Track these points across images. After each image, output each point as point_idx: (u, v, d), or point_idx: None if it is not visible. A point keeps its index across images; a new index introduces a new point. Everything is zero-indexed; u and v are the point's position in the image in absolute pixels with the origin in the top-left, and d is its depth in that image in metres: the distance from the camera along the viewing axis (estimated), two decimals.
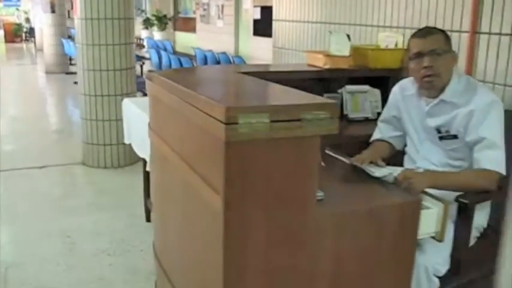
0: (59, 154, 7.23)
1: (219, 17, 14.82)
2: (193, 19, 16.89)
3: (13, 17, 30.27)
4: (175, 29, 18.70)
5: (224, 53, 10.97)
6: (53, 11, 14.31)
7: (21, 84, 14.17)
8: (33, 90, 13.25)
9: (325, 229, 2.04)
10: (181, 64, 9.41)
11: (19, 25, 26.70)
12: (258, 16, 12.73)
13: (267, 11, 12.04)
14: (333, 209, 2.08)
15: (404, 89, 3.05)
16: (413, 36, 2.78)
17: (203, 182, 1.96)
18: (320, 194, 2.07)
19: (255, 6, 12.80)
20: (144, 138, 3.88)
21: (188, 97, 2.00)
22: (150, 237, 4.28)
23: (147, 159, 3.95)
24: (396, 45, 3.99)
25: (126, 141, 4.68)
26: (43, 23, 14.93)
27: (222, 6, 14.54)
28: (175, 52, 13.92)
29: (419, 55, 2.69)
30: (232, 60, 10.46)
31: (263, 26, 12.20)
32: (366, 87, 3.81)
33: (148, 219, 4.75)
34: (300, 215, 1.94)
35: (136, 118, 4.23)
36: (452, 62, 2.75)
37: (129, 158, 6.36)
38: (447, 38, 2.72)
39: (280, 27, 5.54)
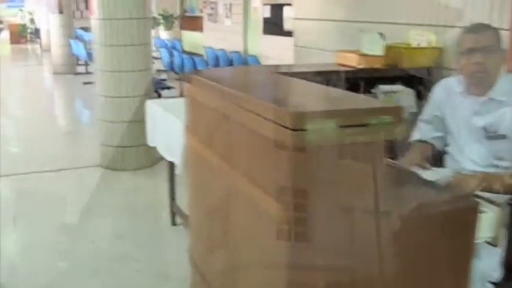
0: (74, 156, 7.17)
1: (227, 16, 14.73)
2: (200, 18, 16.79)
3: (16, 17, 30.18)
4: (181, 28, 18.62)
5: (237, 52, 10.87)
6: (60, 12, 14.24)
7: (30, 85, 14.11)
8: (42, 92, 13.19)
9: (385, 235, 1.97)
10: (194, 64, 9.34)
11: (24, 26, 26.63)
12: (267, 14, 12.63)
13: (277, 9, 11.96)
14: (393, 214, 2.00)
15: (448, 88, 2.96)
16: (466, 31, 2.69)
17: (260, 191, 1.88)
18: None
19: (264, 5, 12.70)
20: (172, 142, 3.81)
21: (244, 101, 1.92)
22: (177, 242, 4.23)
23: (176, 163, 3.88)
24: (429, 43, 3.90)
25: (150, 144, 4.61)
26: (51, 24, 14.87)
27: (230, 4, 14.44)
28: (183, 51, 13.83)
29: (471, 51, 2.61)
30: (246, 60, 10.38)
31: (273, 25, 12.11)
32: (400, 87, 3.73)
33: (173, 223, 4.67)
34: (364, 222, 1.86)
35: (162, 121, 4.16)
36: (502, 61, 2.68)
37: (148, 160, 6.29)
38: (499, 36, 2.65)
39: (302, 26, 5.45)
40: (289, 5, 11.40)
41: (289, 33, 11.26)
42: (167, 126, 3.99)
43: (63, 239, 4.60)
